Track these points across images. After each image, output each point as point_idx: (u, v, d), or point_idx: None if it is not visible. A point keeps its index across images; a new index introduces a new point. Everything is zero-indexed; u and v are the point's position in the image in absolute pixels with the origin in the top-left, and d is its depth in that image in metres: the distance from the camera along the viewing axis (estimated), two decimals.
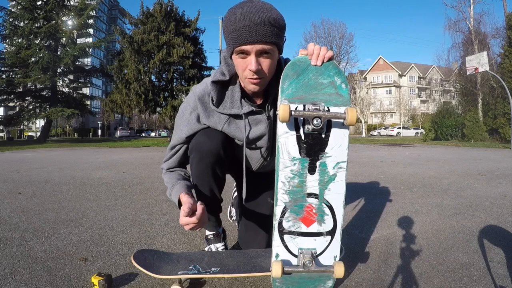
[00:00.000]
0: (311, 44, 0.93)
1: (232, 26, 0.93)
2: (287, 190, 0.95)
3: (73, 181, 3.67)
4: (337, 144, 0.93)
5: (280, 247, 0.98)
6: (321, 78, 0.93)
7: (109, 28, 52.93)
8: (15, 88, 19.96)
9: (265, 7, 0.94)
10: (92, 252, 1.46)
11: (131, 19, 17.97)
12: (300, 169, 0.94)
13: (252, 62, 0.95)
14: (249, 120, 1.11)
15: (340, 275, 0.90)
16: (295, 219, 0.96)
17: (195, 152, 1.12)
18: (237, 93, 1.09)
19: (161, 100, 17.65)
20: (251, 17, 0.91)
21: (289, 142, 0.93)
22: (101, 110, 37.45)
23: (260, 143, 1.16)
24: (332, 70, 0.93)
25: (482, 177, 3.82)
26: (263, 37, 0.92)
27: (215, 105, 1.09)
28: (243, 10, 0.92)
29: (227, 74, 1.08)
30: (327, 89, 0.93)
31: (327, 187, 0.94)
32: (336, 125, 0.93)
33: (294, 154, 0.93)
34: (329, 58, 0.93)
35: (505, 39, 16.96)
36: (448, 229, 1.81)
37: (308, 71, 0.94)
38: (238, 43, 0.93)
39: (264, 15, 0.92)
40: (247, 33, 0.91)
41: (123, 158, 7.08)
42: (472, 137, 15.59)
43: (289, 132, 0.93)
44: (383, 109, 46.14)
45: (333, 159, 0.94)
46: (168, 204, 2.46)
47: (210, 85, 1.08)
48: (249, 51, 0.94)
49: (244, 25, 0.91)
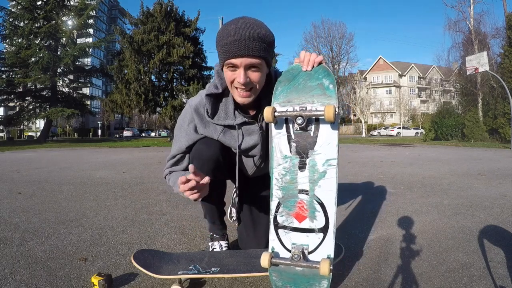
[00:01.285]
0: (302, 52, 1.01)
1: (224, 40, 0.99)
2: (280, 186, 1.02)
3: (73, 181, 3.67)
4: (326, 142, 0.98)
5: (275, 241, 1.03)
6: (310, 82, 1.00)
7: (109, 28, 52.90)
8: (15, 88, 19.98)
9: (255, 24, 1.00)
10: (92, 252, 1.46)
11: (131, 19, 17.97)
12: (291, 166, 1.01)
13: (240, 75, 1.01)
14: (243, 130, 1.17)
15: (324, 272, 0.90)
16: (288, 214, 1.02)
17: (196, 160, 1.17)
18: (230, 104, 1.15)
19: (161, 100, 17.65)
20: (241, 32, 0.97)
21: (281, 142, 1.02)
22: (101, 110, 37.45)
23: (253, 152, 1.23)
24: (321, 73, 1.00)
25: (482, 177, 3.82)
26: (252, 51, 0.98)
27: (210, 117, 1.14)
28: (234, 26, 0.99)
29: (220, 87, 1.13)
30: (315, 90, 0.99)
31: (318, 183, 0.98)
32: (325, 124, 0.98)
33: (285, 153, 1.01)
34: (319, 62, 1.00)
35: (505, 39, 16.93)
36: (448, 229, 1.81)
37: (298, 77, 1.02)
38: (228, 57, 0.99)
39: (253, 30, 0.98)
40: (237, 47, 0.97)
41: (123, 158, 7.08)
42: (472, 137, 15.58)
43: (281, 133, 1.02)
44: (383, 109, 46.13)
45: (323, 157, 0.98)
46: (168, 204, 2.46)
47: (205, 97, 1.14)
48: (238, 64, 1.00)
49: (234, 39, 0.97)
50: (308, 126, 0.99)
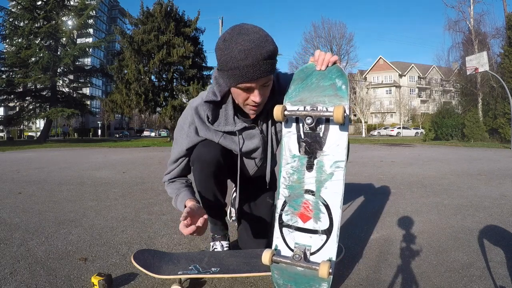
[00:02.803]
0: (317, 51, 1.00)
1: (233, 64, 0.93)
2: (287, 185, 1.02)
3: (73, 181, 3.67)
4: (335, 143, 0.97)
5: (279, 239, 1.03)
6: (323, 81, 0.99)
7: (109, 28, 52.87)
8: (15, 88, 19.97)
9: (261, 39, 0.93)
10: (92, 252, 1.46)
11: (131, 19, 17.95)
12: (299, 166, 1.00)
13: (257, 95, 1.00)
14: (243, 135, 1.17)
15: (322, 274, 0.90)
16: (293, 213, 1.01)
17: (197, 163, 1.18)
18: (230, 110, 1.14)
19: (161, 100, 17.63)
20: (253, 55, 0.91)
21: (290, 141, 1.02)
22: (101, 110, 37.43)
23: (254, 155, 1.23)
24: (334, 74, 0.99)
25: (482, 177, 3.82)
26: (265, 73, 0.95)
27: (210, 123, 1.14)
28: (242, 47, 0.91)
29: (219, 94, 1.12)
30: (327, 91, 0.98)
31: (324, 185, 0.98)
32: (334, 125, 0.97)
33: (294, 152, 1.01)
34: (333, 62, 0.98)
35: (505, 39, 16.93)
36: (448, 229, 1.81)
37: (312, 76, 1.01)
38: (242, 81, 0.95)
39: (263, 50, 0.92)
40: (252, 72, 0.93)
41: (123, 158, 7.08)
42: (472, 137, 15.57)
43: (291, 132, 1.02)
44: (383, 109, 46.12)
45: (331, 158, 0.97)
46: (168, 204, 2.46)
47: (204, 105, 1.13)
48: (253, 87, 0.98)
49: (247, 64, 0.91)
50: (318, 126, 0.98)
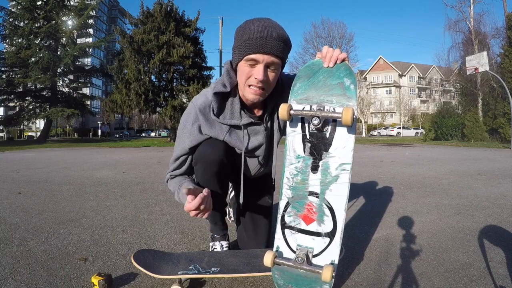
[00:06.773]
0: (325, 47, 0.97)
1: (248, 35, 1.00)
2: (290, 186, 0.99)
3: (73, 181, 3.67)
4: (341, 146, 0.94)
5: (281, 240, 1.01)
6: (331, 80, 0.95)
7: (109, 28, 52.82)
8: (15, 88, 19.93)
9: (279, 26, 1.03)
10: (92, 252, 1.46)
11: (131, 19, 17.95)
12: (304, 167, 0.97)
13: (260, 71, 1.01)
14: (248, 130, 1.17)
15: (326, 278, 0.89)
16: (295, 215, 0.99)
17: (200, 163, 1.17)
18: (236, 104, 1.14)
19: (161, 100, 17.63)
20: (269, 31, 0.99)
21: (295, 141, 0.98)
22: (101, 110, 37.43)
23: (258, 152, 1.23)
24: (343, 72, 0.94)
25: (482, 177, 3.82)
26: (276, 50, 0.99)
27: (215, 115, 1.13)
28: (261, 24, 1.00)
29: (228, 86, 1.12)
30: (335, 90, 0.95)
31: (329, 187, 0.95)
32: (342, 126, 0.93)
33: (299, 152, 0.98)
34: (342, 59, 0.95)
35: (505, 39, 16.92)
36: (448, 229, 1.81)
37: (319, 73, 0.97)
38: (252, 51, 0.99)
39: (280, 32, 1.01)
40: (263, 44, 0.98)
41: (123, 158, 7.08)
42: (472, 137, 15.56)
43: (296, 131, 0.98)
44: (383, 109, 46.10)
45: (337, 160, 0.95)
46: (168, 204, 2.46)
47: (212, 96, 1.12)
48: (259, 60, 1.00)
49: (261, 36, 0.98)
50: (325, 127, 0.94)
